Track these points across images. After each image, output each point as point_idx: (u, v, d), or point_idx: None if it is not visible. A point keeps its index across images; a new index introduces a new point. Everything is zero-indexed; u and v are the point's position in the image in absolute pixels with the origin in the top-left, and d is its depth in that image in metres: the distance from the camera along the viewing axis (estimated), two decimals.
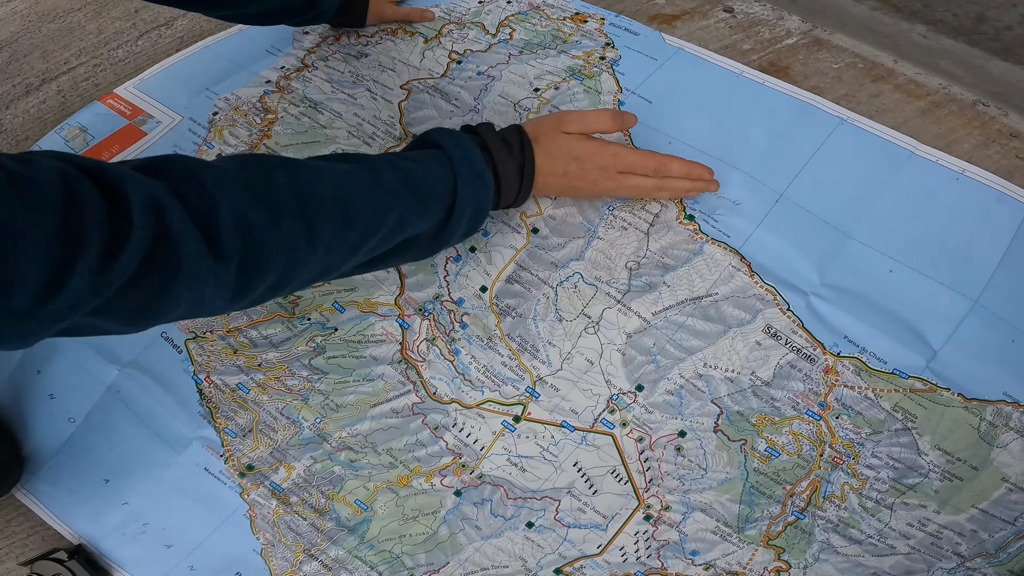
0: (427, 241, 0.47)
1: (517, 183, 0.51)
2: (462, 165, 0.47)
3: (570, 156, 0.52)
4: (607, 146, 0.53)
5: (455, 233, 0.48)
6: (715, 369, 0.52)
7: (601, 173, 0.53)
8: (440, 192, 0.46)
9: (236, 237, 0.35)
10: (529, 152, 0.51)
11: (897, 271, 0.53)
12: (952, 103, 0.63)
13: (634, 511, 0.50)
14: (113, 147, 0.68)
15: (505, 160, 0.50)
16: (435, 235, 0.47)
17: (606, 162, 0.53)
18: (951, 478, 0.47)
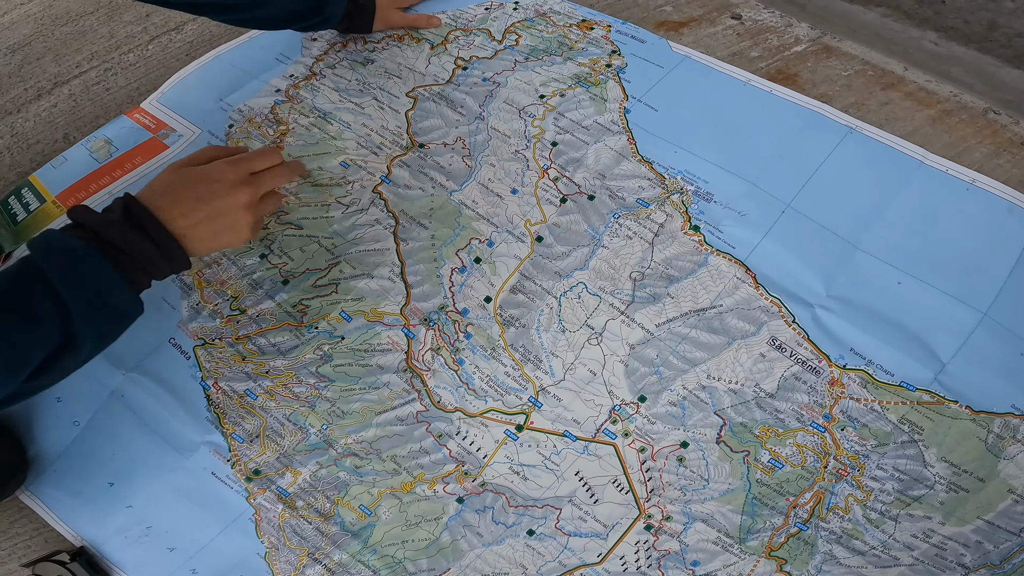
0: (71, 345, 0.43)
1: (142, 239, 0.45)
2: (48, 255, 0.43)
3: (192, 192, 0.48)
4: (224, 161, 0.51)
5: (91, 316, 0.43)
6: (718, 381, 0.52)
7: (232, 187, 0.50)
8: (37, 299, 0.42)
9: None
10: (135, 204, 0.46)
11: (905, 283, 0.52)
12: (963, 111, 0.62)
13: (635, 520, 0.50)
14: (135, 159, 0.69)
15: (109, 225, 0.45)
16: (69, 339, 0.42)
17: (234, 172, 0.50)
18: (957, 490, 0.47)
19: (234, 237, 0.51)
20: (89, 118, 0.78)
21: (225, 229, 0.50)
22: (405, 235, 0.60)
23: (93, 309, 0.43)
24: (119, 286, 0.45)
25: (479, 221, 0.60)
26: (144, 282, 0.47)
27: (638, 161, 0.60)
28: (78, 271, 0.43)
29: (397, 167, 0.64)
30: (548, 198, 0.60)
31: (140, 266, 0.46)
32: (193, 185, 0.49)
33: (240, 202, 0.50)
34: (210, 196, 0.49)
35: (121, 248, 0.45)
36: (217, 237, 0.50)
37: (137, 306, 0.47)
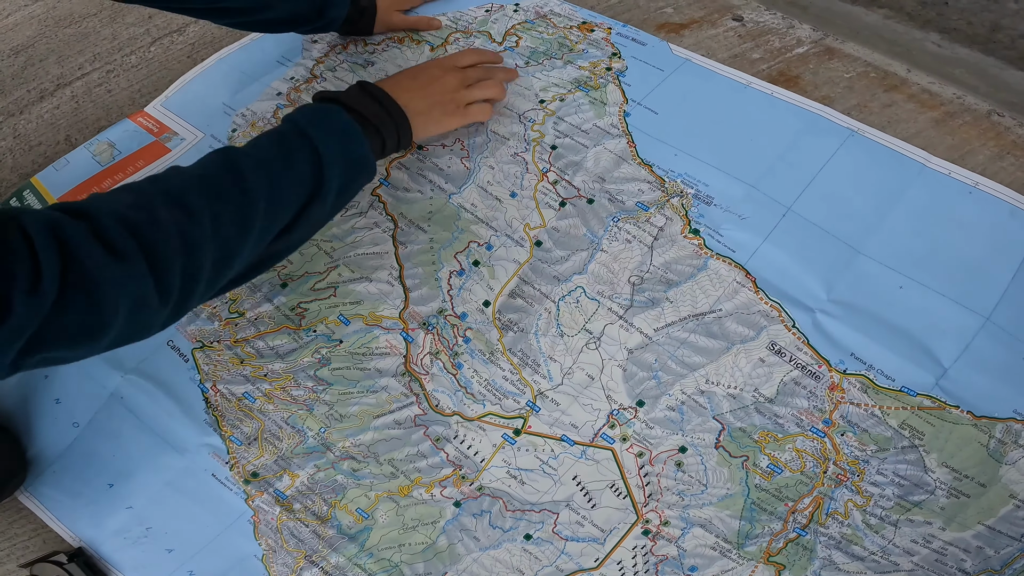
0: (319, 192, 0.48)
1: (373, 103, 0.53)
2: (302, 114, 0.50)
3: (409, 75, 0.58)
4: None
5: (336, 167, 0.48)
6: (717, 385, 0.51)
7: (444, 72, 0.59)
8: (293, 143, 0.48)
9: (127, 236, 0.38)
10: (368, 83, 0.55)
11: (907, 287, 0.52)
12: (967, 113, 0.62)
13: (632, 525, 0.50)
14: (138, 162, 0.69)
15: (350, 96, 0.53)
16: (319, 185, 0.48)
17: (444, 62, 0.60)
18: (958, 495, 0.46)
19: (441, 114, 0.58)
20: (91, 120, 0.78)
21: (435, 104, 0.57)
22: (404, 238, 0.60)
23: (339, 154, 0.48)
24: (359, 138, 0.50)
25: (478, 224, 0.59)
26: (378, 146, 0.53)
27: (638, 164, 0.60)
28: (328, 121, 0.49)
29: (396, 169, 0.64)
30: (547, 202, 0.59)
31: (375, 128, 0.52)
32: (411, 73, 0.59)
33: (447, 83, 0.58)
34: (424, 78, 0.58)
35: (360, 112, 0.52)
36: (430, 112, 0.57)
37: (372, 162, 0.51)
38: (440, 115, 0.58)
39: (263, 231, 0.45)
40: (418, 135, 0.57)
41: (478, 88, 0.60)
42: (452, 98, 0.59)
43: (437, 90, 0.58)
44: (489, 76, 0.62)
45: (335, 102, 0.52)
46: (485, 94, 0.61)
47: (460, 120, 0.60)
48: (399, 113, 0.54)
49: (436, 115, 0.58)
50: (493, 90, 0.61)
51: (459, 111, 0.59)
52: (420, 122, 0.57)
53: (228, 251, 0.43)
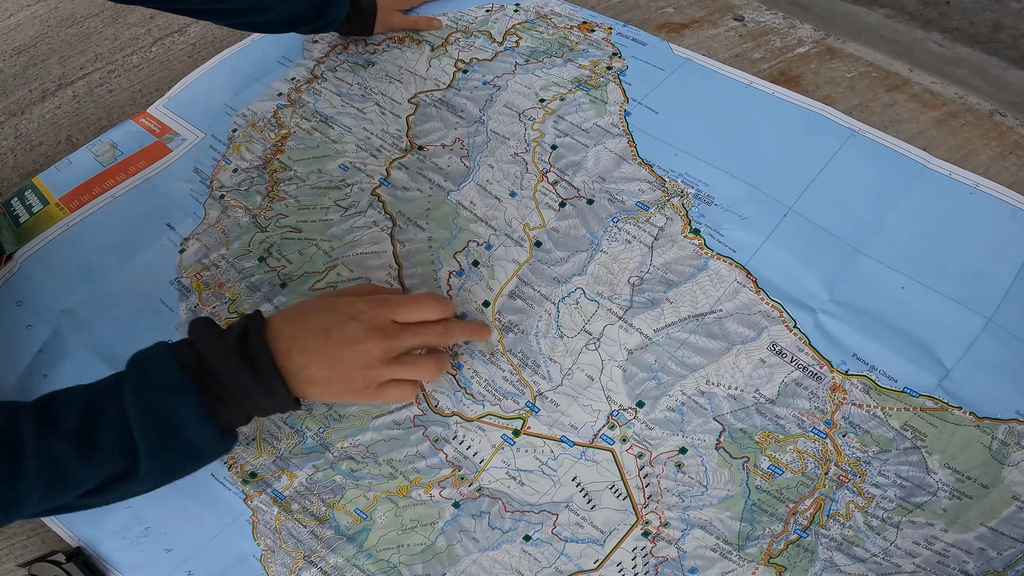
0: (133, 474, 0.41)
1: (247, 376, 0.42)
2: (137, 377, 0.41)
3: (320, 325, 0.43)
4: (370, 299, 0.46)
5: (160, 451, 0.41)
6: (717, 386, 0.51)
7: (368, 334, 0.44)
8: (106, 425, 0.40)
9: None
10: (255, 331, 0.43)
11: (909, 288, 0.51)
12: (969, 113, 0.62)
13: (632, 527, 0.50)
14: (140, 163, 0.69)
15: (217, 353, 0.42)
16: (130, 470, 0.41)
17: (376, 316, 0.45)
18: (960, 496, 0.46)
19: (345, 390, 0.45)
20: (92, 120, 0.78)
21: (337, 378, 0.44)
22: (402, 236, 0.60)
23: (164, 445, 0.41)
24: (202, 423, 0.41)
25: (477, 223, 0.59)
26: (240, 418, 0.44)
27: (638, 164, 0.60)
28: (160, 402, 0.40)
29: (396, 169, 0.63)
30: (547, 202, 0.59)
31: (237, 402, 0.42)
32: (325, 315, 0.45)
33: (365, 351, 0.44)
34: (336, 338, 0.44)
35: (219, 378, 0.42)
36: (328, 385, 0.45)
37: (218, 445, 0.43)
38: (342, 390, 0.46)
39: (42, 503, 0.40)
40: (309, 400, 0.47)
41: (406, 366, 0.47)
42: (364, 374, 0.45)
43: (349, 359, 0.44)
44: (433, 342, 0.49)
45: (197, 354, 0.42)
46: (413, 374, 0.48)
47: (367, 399, 0.48)
48: (278, 387, 0.43)
49: (336, 389, 0.45)
50: (426, 370, 0.49)
51: (368, 391, 0.46)
52: (312, 392, 0.45)
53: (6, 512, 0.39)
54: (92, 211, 0.67)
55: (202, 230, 0.64)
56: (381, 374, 0.46)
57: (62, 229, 0.66)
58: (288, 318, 0.45)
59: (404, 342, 0.47)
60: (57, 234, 0.66)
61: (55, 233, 0.66)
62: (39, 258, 0.65)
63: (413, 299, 0.49)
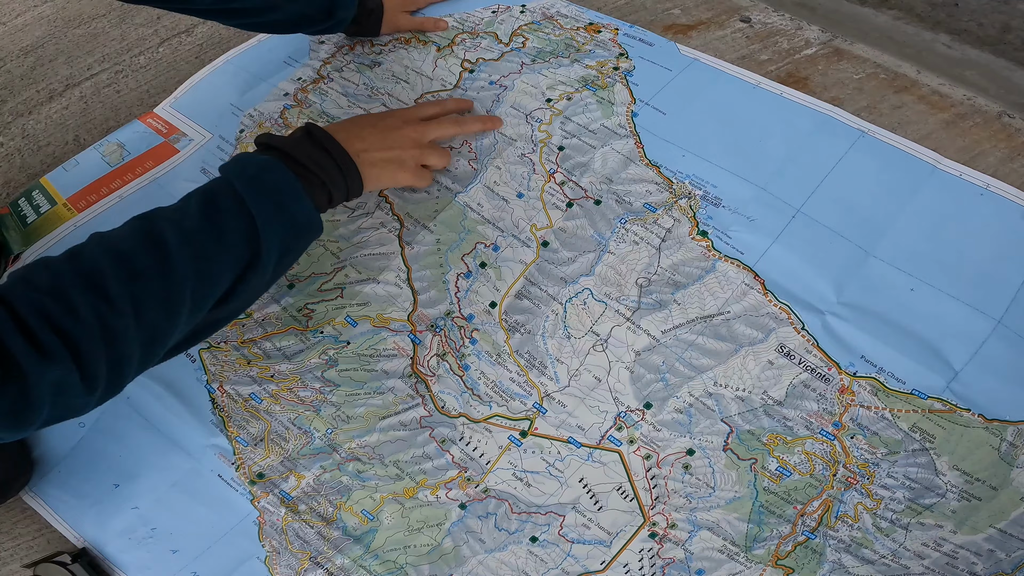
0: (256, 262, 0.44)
1: (318, 152, 0.49)
2: (236, 168, 0.46)
3: (368, 121, 0.54)
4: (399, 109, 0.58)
5: (274, 232, 0.45)
6: (725, 388, 0.51)
7: (404, 124, 0.55)
8: (223, 207, 0.44)
9: (48, 331, 0.37)
10: (315, 128, 0.50)
11: (918, 289, 0.51)
12: (977, 115, 0.61)
13: (639, 528, 0.49)
14: (147, 163, 0.70)
15: (294, 144, 0.49)
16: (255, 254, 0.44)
17: (406, 113, 0.57)
18: (969, 498, 0.46)
19: (398, 170, 0.54)
20: (99, 120, 0.79)
21: (392, 159, 0.54)
22: (409, 238, 0.60)
23: (277, 218, 0.45)
24: (300, 196, 0.46)
25: (484, 225, 0.59)
26: (323, 199, 0.49)
27: (645, 165, 0.60)
28: (263, 179, 0.45)
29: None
30: (554, 202, 0.59)
31: (320, 180, 0.49)
32: (370, 119, 0.55)
33: (407, 136, 0.55)
34: (383, 127, 0.54)
35: (303, 163, 0.48)
36: (385, 166, 0.53)
37: (316, 220, 0.48)
38: (395, 169, 0.55)
39: (194, 309, 0.42)
40: (369, 186, 0.53)
41: (434, 152, 0.58)
42: (410, 154, 0.55)
43: (394, 142, 0.54)
44: (453, 131, 0.60)
45: (276, 150, 0.48)
46: (436, 161, 0.58)
47: (413, 180, 0.57)
48: (348, 163, 0.50)
49: (391, 169, 0.54)
50: (442, 158, 0.59)
51: (414, 170, 0.56)
52: (372, 174, 0.53)
53: (156, 334, 0.41)
54: (100, 211, 0.67)
55: None
56: (419, 156, 0.56)
57: (70, 229, 0.66)
58: (338, 124, 0.53)
59: (431, 130, 0.58)
60: (65, 234, 0.66)
61: (63, 233, 0.66)
62: None
63: (425, 104, 0.62)
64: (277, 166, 0.46)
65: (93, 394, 0.39)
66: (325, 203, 0.50)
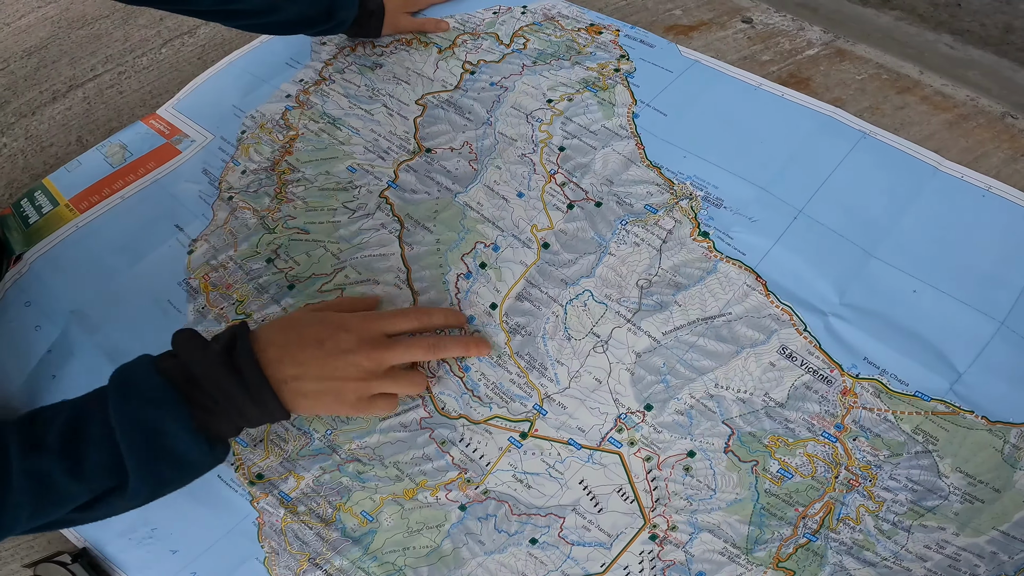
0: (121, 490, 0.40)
1: (234, 385, 0.41)
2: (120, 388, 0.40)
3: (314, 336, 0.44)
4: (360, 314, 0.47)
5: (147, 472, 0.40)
6: (727, 390, 0.51)
7: (360, 345, 0.44)
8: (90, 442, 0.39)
9: None
10: (242, 340, 0.42)
11: (921, 291, 0.51)
12: (980, 115, 0.61)
13: (639, 530, 0.49)
14: (149, 164, 0.70)
15: (204, 363, 0.41)
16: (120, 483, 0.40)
17: (367, 328, 0.45)
18: (972, 500, 0.45)
19: (335, 402, 0.45)
20: (102, 121, 0.79)
21: (328, 391, 0.44)
22: (410, 239, 0.60)
23: (153, 459, 0.40)
24: (190, 435, 0.40)
25: (484, 224, 0.59)
26: (229, 429, 0.43)
27: (646, 166, 0.59)
28: (144, 415, 0.40)
29: (404, 172, 0.63)
30: (555, 203, 0.59)
31: (224, 412, 0.42)
32: (316, 327, 0.45)
33: (357, 364, 0.45)
34: (330, 348, 0.44)
35: (204, 388, 0.41)
36: (319, 397, 0.45)
37: (208, 457, 0.42)
38: (332, 403, 0.46)
39: (32, 521, 0.39)
40: (297, 413, 0.46)
41: (391, 379, 0.47)
42: (356, 387, 0.45)
43: (340, 371, 0.44)
44: (423, 356, 0.49)
45: (181, 365, 0.42)
46: (398, 388, 0.48)
47: (356, 412, 0.48)
48: (266, 395, 0.42)
49: (326, 403, 0.45)
50: (411, 385, 0.49)
51: (360, 403, 0.47)
52: (301, 404, 0.44)
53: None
54: (101, 212, 0.67)
55: (210, 231, 0.64)
56: (371, 387, 0.46)
57: (71, 230, 0.66)
58: (278, 329, 0.45)
59: (394, 355, 0.47)
60: (66, 235, 0.66)
61: (64, 234, 0.66)
62: (48, 259, 0.65)
63: (401, 312, 0.50)
64: (168, 401, 0.40)
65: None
66: (234, 430, 0.44)
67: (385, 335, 0.47)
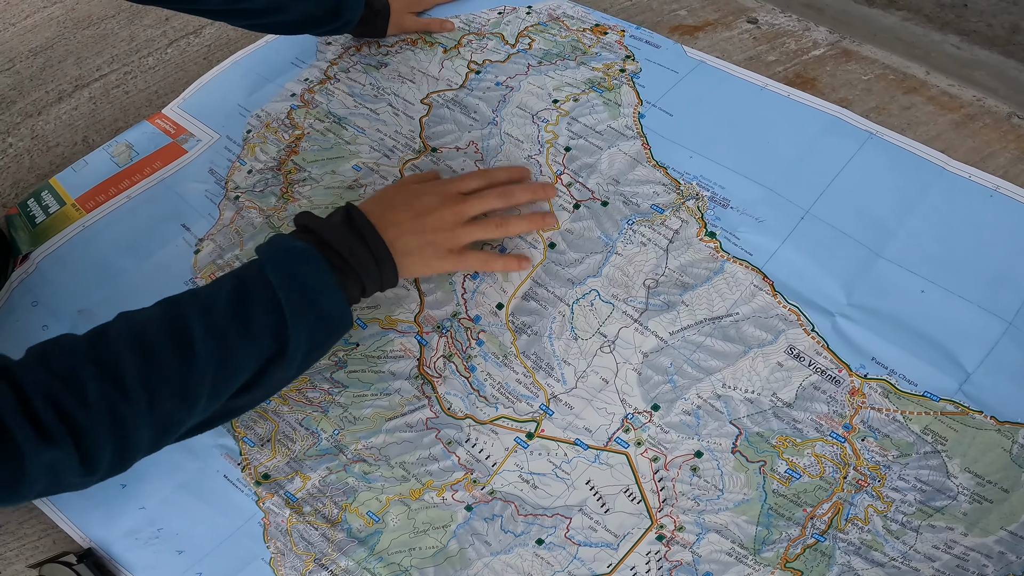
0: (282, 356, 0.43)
1: (357, 243, 0.47)
2: (272, 255, 0.44)
3: (403, 200, 0.50)
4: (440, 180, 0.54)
5: (302, 330, 0.43)
6: (734, 390, 0.51)
7: (442, 203, 0.51)
8: (254, 297, 0.43)
9: (55, 419, 0.37)
10: (356, 211, 0.48)
11: (929, 291, 0.51)
12: (987, 116, 0.61)
13: (646, 531, 0.49)
14: (155, 163, 0.70)
15: (332, 229, 0.46)
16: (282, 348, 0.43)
17: (445, 188, 0.52)
18: (980, 500, 0.45)
19: (433, 255, 0.50)
20: (108, 121, 0.79)
21: (426, 244, 0.50)
22: None
23: (307, 314, 0.43)
24: (334, 292, 0.45)
25: None
26: (356, 292, 0.48)
27: (653, 166, 0.59)
28: (298, 273, 0.44)
29: (409, 170, 0.63)
30: (561, 204, 0.59)
31: (356, 274, 0.47)
32: (405, 196, 0.51)
33: (442, 219, 0.51)
34: (418, 208, 0.50)
35: (340, 253, 0.46)
36: (420, 253, 0.50)
37: (347, 316, 0.47)
38: (432, 257, 0.50)
39: (211, 398, 0.42)
40: (406, 276, 0.51)
41: (478, 226, 0.52)
42: (447, 237, 0.51)
43: (430, 224, 0.50)
44: (496, 203, 0.53)
45: (313, 234, 0.47)
46: (485, 232, 0.53)
47: (453, 266, 0.52)
48: (385, 255, 0.48)
49: (427, 257, 0.50)
50: (487, 229, 0.53)
51: (452, 255, 0.51)
52: (408, 263, 0.50)
53: (168, 422, 0.41)
54: (108, 211, 0.67)
55: (216, 231, 0.64)
56: (459, 236, 0.51)
57: (78, 229, 0.66)
58: (375, 202, 0.51)
59: (471, 206, 0.53)
60: (73, 234, 0.66)
61: (71, 234, 0.66)
62: (55, 258, 0.65)
63: (468, 174, 0.56)
64: (313, 258, 0.45)
65: (93, 475, 0.39)
66: (358, 295, 0.48)
67: (460, 193, 0.53)
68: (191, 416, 0.42)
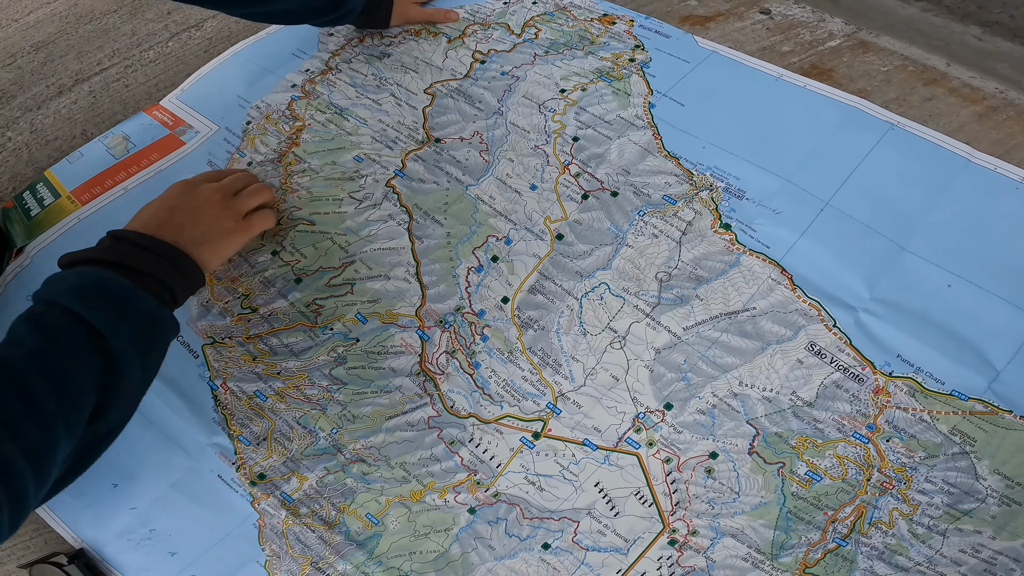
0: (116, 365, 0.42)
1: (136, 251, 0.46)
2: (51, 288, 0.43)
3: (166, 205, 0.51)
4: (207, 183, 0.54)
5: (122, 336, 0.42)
6: (751, 388, 0.48)
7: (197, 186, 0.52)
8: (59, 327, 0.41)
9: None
10: (119, 231, 0.47)
11: (956, 285, 0.49)
12: (1010, 108, 0.59)
13: (658, 535, 0.47)
14: (152, 155, 0.68)
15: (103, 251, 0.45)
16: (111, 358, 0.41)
17: (192, 179, 0.53)
18: (1010, 503, 0.43)
19: (220, 233, 0.51)
20: (108, 114, 0.78)
21: (207, 225, 0.50)
22: (420, 232, 0.58)
23: (118, 317, 0.42)
24: (133, 291, 0.44)
25: (496, 217, 0.57)
26: (161, 291, 0.46)
27: (664, 157, 0.58)
28: (86, 287, 0.42)
29: (412, 161, 0.62)
30: (569, 194, 0.57)
31: (152, 277, 0.45)
32: (159, 203, 0.51)
33: (208, 195, 0.52)
34: (185, 196, 0.51)
35: (118, 262, 0.45)
36: (207, 237, 0.50)
37: (164, 314, 0.45)
38: (219, 236, 0.51)
39: (69, 422, 0.40)
40: (209, 267, 0.50)
41: (246, 195, 0.54)
42: (224, 213, 0.51)
43: (202, 208, 0.51)
44: (249, 182, 0.56)
45: (84, 262, 0.45)
46: (256, 200, 0.55)
47: (244, 234, 0.53)
48: (169, 249, 0.47)
49: (214, 237, 0.50)
50: (263, 194, 0.55)
51: (239, 225, 0.53)
52: (203, 253, 0.49)
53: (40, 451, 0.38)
54: (104, 204, 0.66)
55: None
56: (234, 204, 0.53)
57: (73, 222, 0.65)
58: (140, 214, 0.51)
59: (228, 182, 0.55)
60: (68, 227, 0.65)
61: (66, 226, 0.65)
62: (51, 252, 0.64)
63: (207, 173, 0.57)
64: (95, 274, 0.43)
65: None
66: (169, 297, 0.46)
67: (206, 180, 0.55)
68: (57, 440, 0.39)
